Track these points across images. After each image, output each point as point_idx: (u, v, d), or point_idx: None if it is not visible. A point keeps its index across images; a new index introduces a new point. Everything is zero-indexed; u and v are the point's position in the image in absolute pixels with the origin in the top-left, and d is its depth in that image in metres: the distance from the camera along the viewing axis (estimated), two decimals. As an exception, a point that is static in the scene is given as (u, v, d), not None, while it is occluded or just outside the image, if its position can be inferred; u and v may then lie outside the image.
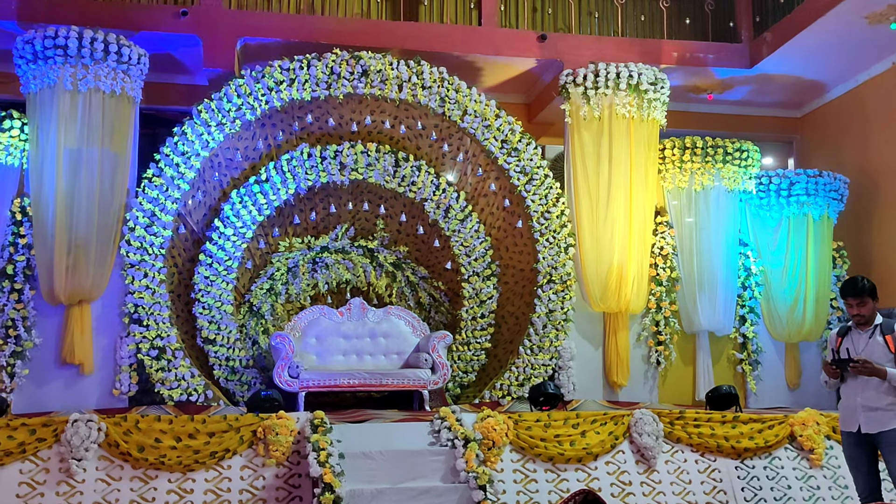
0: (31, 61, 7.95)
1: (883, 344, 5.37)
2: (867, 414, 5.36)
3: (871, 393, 5.35)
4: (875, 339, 5.41)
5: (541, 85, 10.23)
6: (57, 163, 7.88)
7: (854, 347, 5.47)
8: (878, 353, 5.36)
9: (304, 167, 8.79)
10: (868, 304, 5.43)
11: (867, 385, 5.36)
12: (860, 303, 5.43)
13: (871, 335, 5.43)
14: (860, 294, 5.43)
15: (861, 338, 5.48)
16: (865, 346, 5.42)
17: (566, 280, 8.79)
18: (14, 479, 6.09)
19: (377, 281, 9.34)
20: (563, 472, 6.84)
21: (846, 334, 5.57)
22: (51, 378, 7.97)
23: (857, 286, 5.45)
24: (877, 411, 5.32)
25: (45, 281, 7.89)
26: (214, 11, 8.95)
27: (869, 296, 5.42)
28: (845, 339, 5.56)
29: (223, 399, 8.11)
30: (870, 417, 5.35)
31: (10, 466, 6.13)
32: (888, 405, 5.30)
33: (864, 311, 5.44)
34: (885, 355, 5.34)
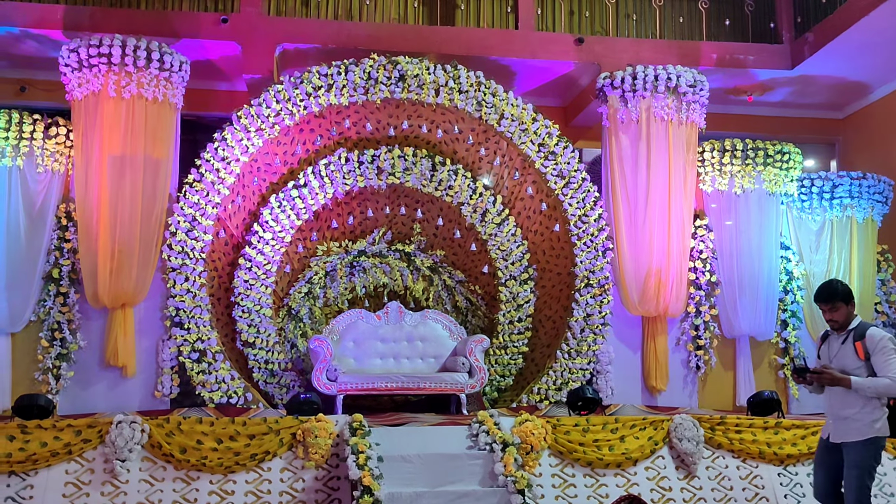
0: (77, 69, 8.11)
1: (853, 350, 5.13)
2: (836, 423, 5.19)
3: (837, 402, 5.16)
4: (847, 345, 5.17)
5: (578, 88, 10.19)
6: (101, 168, 8.03)
7: (829, 353, 5.27)
8: (849, 359, 5.13)
9: (342, 172, 8.86)
10: (841, 310, 5.17)
11: (834, 394, 5.18)
12: (832, 308, 5.17)
13: (844, 341, 5.18)
14: (831, 299, 5.17)
15: (836, 343, 5.24)
16: (838, 352, 5.20)
17: (604, 284, 8.75)
18: (60, 479, 6.20)
19: (414, 285, 9.38)
20: (601, 478, 6.79)
21: (827, 338, 5.35)
22: (95, 380, 8.12)
23: (826, 291, 5.20)
24: (844, 420, 5.12)
25: (89, 284, 8.03)
26: (254, 18, 9.06)
27: (841, 301, 5.16)
28: (825, 342, 5.36)
29: (262, 402, 8.19)
30: (838, 427, 5.17)
31: (57, 467, 6.24)
32: (854, 415, 5.08)
33: (836, 316, 5.18)
34: (855, 362, 5.10)
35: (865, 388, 5.01)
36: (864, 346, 5.09)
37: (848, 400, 5.09)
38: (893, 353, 5.02)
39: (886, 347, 5.03)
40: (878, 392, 5.01)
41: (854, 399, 5.07)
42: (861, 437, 5.06)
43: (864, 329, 5.14)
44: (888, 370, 4.99)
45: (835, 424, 5.19)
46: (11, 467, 6.14)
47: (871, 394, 5.02)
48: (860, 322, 5.20)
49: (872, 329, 5.14)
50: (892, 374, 4.98)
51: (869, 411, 5.06)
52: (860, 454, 5.06)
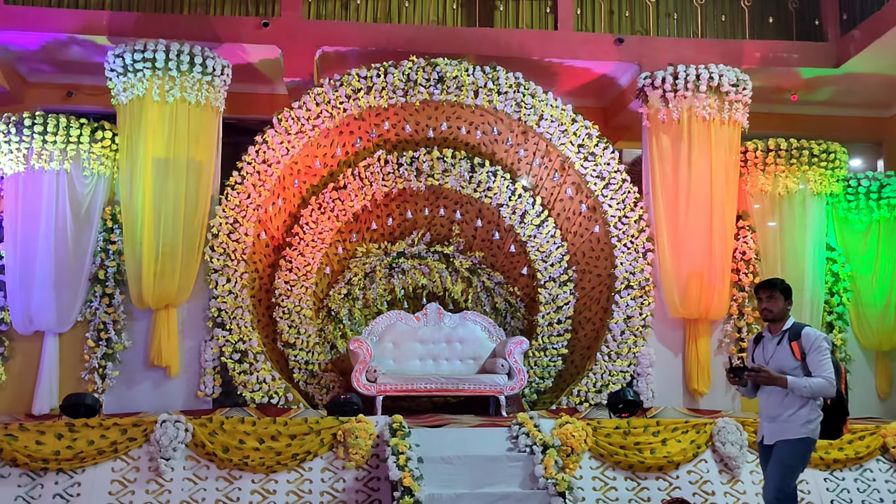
0: (122, 74, 8.24)
1: (789, 351, 5.00)
2: (769, 425, 5.07)
3: (773, 403, 5.03)
4: (782, 346, 5.04)
5: (618, 88, 10.12)
6: (145, 171, 8.15)
7: (764, 355, 5.13)
8: (785, 359, 5.00)
9: (382, 173, 8.90)
10: (778, 301, 5.06)
11: (771, 394, 5.04)
12: (770, 296, 5.07)
13: (780, 341, 5.06)
14: (771, 287, 5.09)
15: (771, 343, 5.12)
16: (774, 354, 5.06)
17: (645, 286, 8.67)
18: (107, 476, 6.32)
19: (453, 286, 9.38)
20: (643, 481, 6.74)
21: (760, 341, 5.23)
22: (139, 379, 8.24)
23: (769, 281, 5.16)
24: (780, 422, 4.99)
25: (134, 286, 8.16)
26: (294, 22, 9.13)
27: (780, 292, 5.07)
28: (759, 344, 5.23)
29: (303, 402, 8.25)
30: (772, 429, 5.04)
31: (103, 465, 6.36)
32: (789, 416, 4.95)
33: (772, 305, 5.06)
34: (792, 362, 4.98)
35: (801, 387, 4.88)
36: (799, 346, 4.97)
37: (785, 401, 4.97)
38: (828, 353, 4.95)
39: (822, 347, 4.93)
40: (814, 392, 4.88)
41: (791, 400, 4.95)
42: (794, 436, 4.94)
43: (799, 329, 5.04)
44: (823, 370, 4.89)
45: (769, 426, 5.07)
46: (59, 465, 6.28)
47: (807, 394, 4.89)
48: (794, 322, 5.10)
49: (808, 328, 5.05)
50: (826, 374, 4.87)
51: (805, 412, 4.94)
52: (789, 452, 4.93)
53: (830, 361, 4.92)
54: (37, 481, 6.25)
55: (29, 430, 6.42)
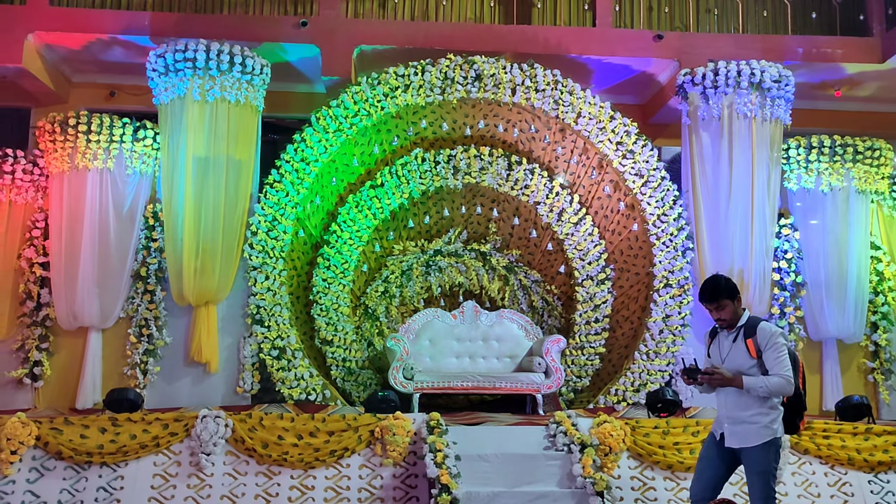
0: (163, 74, 8.35)
1: (744, 349, 4.76)
2: (731, 427, 4.82)
3: (732, 403, 4.80)
4: (738, 343, 4.80)
5: (657, 85, 10.02)
6: (186, 170, 8.25)
7: (720, 352, 4.90)
8: (741, 358, 4.77)
9: (419, 171, 8.92)
10: (727, 307, 4.80)
11: (728, 394, 4.81)
12: (718, 307, 4.81)
13: (735, 339, 4.82)
14: (715, 297, 4.80)
15: (726, 341, 4.87)
16: (729, 352, 4.82)
17: (684, 284, 8.58)
18: (149, 470, 6.41)
19: (490, 284, 9.37)
20: (682, 481, 6.66)
21: (716, 335, 4.98)
22: (180, 375, 8.36)
23: (710, 289, 4.84)
24: (741, 424, 4.76)
25: (174, 283, 8.26)
26: (332, 21, 9.18)
27: (727, 297, 4.79)
28: (714, 340, 4.99)
29: (340, 399, 8.29)
30: (734, 431, 4.81)
31: (146, 459, 6.45)
32: (752, 416, 4.73)
33: (724, 315, 4.82)
34: (748, 360, 4.75)
35: (758, 388, 4.67)
36: (755, 343, 4.74)
37: (742, 401, 4.75)
38: (785, 349, 4.74)
39: (778, 343, 4.72)
40: (771, 391, 4.67)
41: (748, 400, 4.73)
42: (760, 441, 4.72)
43: (755, 324, 4.80)
44: (780, 368, 4.67)
45: (730, 428, 4.84)
46: (103, 458, 6.38)
47: (764, 393, 4.68)
48: (749, 317, 4.87)
49: (763, 324, 4.81)
50: (784, 373, 4.66)
51: (765, 412, 4.73)
52: (762, 460, 4.72)
53: (787, 357, 4.71)
54: (81, 474, 6.36)
55: (73, 424, 6.53)
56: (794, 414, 4.89)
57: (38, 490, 6.28)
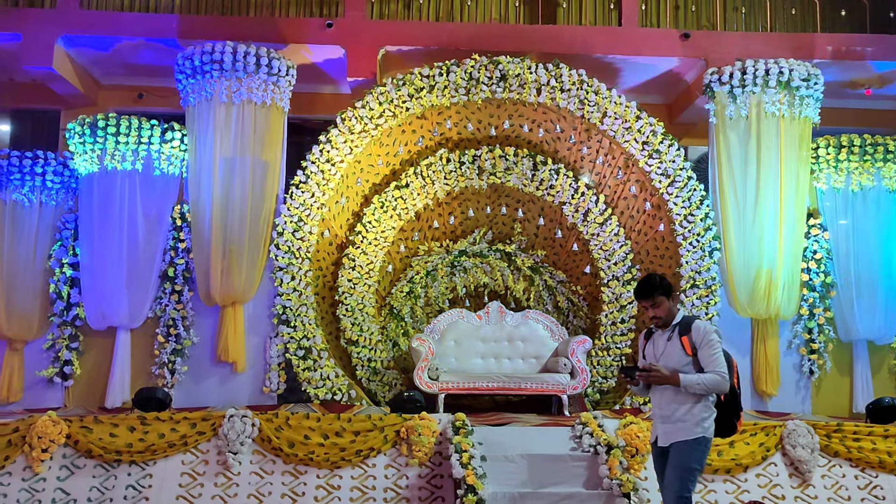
0: (191, 76, 8.43)
1: (679, 346, 4.69)
2: (664, 426, 4.75)
3: (666, 402, 4.72)
4: (673, 341, 4.73)
5: (683, 85, 9.96)
6: (213, 171, 8.32)
7: (654, 352, 4.83)
8: (676, 356, 4.70)
9: (444, 172, 8.92)
10: (663, 305, 4.75)
11: (664, 393, 4.73)
12: (653, 304, 4.75)
13: (670, 337, 4.75)
14: (650, 294, 4.75)
15: (661, 340, 4.81)
16: (664, 350, 4.76)
17: (711, 285, 8.51)
18: (177, 469, 6.46)
19: (515, 285, 9.35)
20: (710, 483, 6.61)
21: (650, 336, 4.91)
22: (207, 375, 8.42)
23: (645, 286, 4.78)
24: (672, 423, 4.68)
25: (202, 283, 8.33)
26: (358, 22, 9.23)
27: (662, 294, 4.74)
28: (649, 340, 4.91)
29: (366, 399, 8.31)
30: (665, 430, 4.73)
31: (174, 458, 6.51)
32: (683, 415, 4.65)
33: (659, 312, 4.76)
34: (683, 358, 4.67)
35: (694, 385, 4.58)
36: (690, 341, 4.67)
37: (677, 400, 4.67)
38: (719, 346, 4.66)
39: (712, 341, 4.64)
40: (707, 388, 4.58)
41: (683, 398, 4.65)
42: (689, 437, 4.63)
43: (689, 322, 4.74)
44: (715, 365, 4.60)
45: (663, 427, 4.76)
46: (132, 457, 6.45)
47: (700, 391, 4.59)
48: (684, 316, 4.83)
49: (697, 322, 4.76)
50: (719, 370, 4.58)
51: (698, 411, 4.64)
52: (685, 454, 4.63)
53: (722, 355, 4.63)
54: (110, 472, 6.43)
55: (103, 423, 6.61)
56: (731, 414, 4.78)
57: (68, 488, 6.36)
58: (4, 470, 6.39)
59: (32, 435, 6.42)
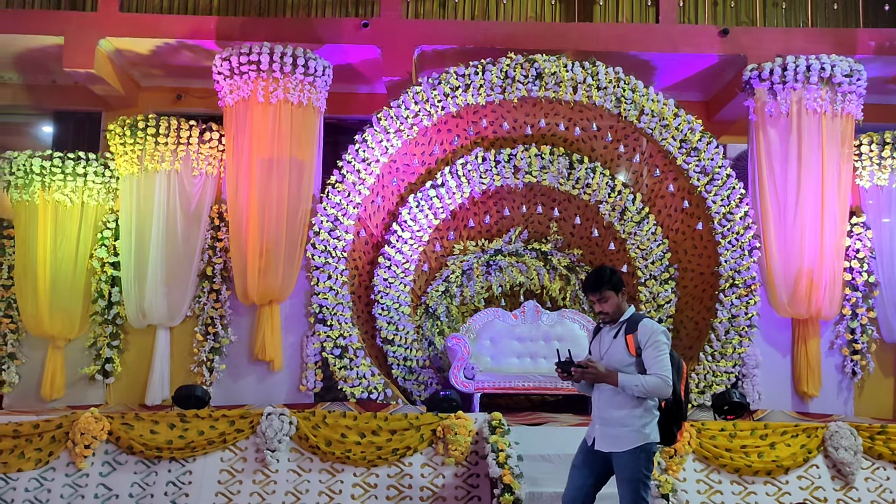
0: (228, 77, 8.50)
1: (623, 345, 4.47)
2: (602, 429, 4.51)
3: (606, 402, 4.50)
4: (618, 339, 4.51)
5: (722, 81, 9.83)
6: (250, 171, 8.38)
7: (600, 349, 4.61)
8: (619, 355, 4.47)
9: (479, 171, 8.91)
10: (611, 300, 4.53)
11: (603, 394, 4.51)
12: (601, 298, 4.54)
13: (616, 335, 4.53)
14: (598, 288, 4.53)
15: (607, 336, 4.59)
16: (608, 348, 4.54)
17: (750, 284, 8.40)
18: (216, 466, 6.53)
19: (551, 284, 9.31)
20: (750, 485, 6.53)
21: (599, 332, 4.70)
22: (244, 373, 8.49)
23: (594, 279, 4.56)
24: (613, 427, 4.45)
25: (239, 282, 8.40)
26: (393, 22, 9.24)
27: (611, 289, 4.52)
28: (596, 337, 4.71)
29: (402, 398, 8.33)
30: (604, 433, 4.49)
31: (213, 455, 6.58)
32: (622, 419, 4.42)
33: (607, 307, 4.54)
34: (626, 358, 4.45)
35: (632, 386, 4.36)
36: (635, 340, 4.44)
37: (616, 400, 4.44)
38: (665, 348, 4.43)
39: (658, 342, 4.41)
40: (647, 391, 4.35)
41: (623, 400, 4.42)
42: (630, 445, 4.41)
43: (637, 321, 4.50)
44: (658, 367, 4.36)
45: (601, 429, 4.52)
46: (172, 454, 6.52)
47: (639, 393, 4.36)
48: (633, 313, 4.59)
49: (645, 321, 4.51)
50: (661, 372, 4.35)
51: (639, 415, 4.42)
52: (632, 466, 4.40)
53: (668, 358, 4.41)
54: (151, 469, 6.52)
55: (144, 420, 6.70)
56: (671, 422, 4.55)
57: (110, 483, 6.45)
58: (48, 465, 6.51)
59: (75, 431, 6.52)
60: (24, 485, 6.42)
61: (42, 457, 6.51)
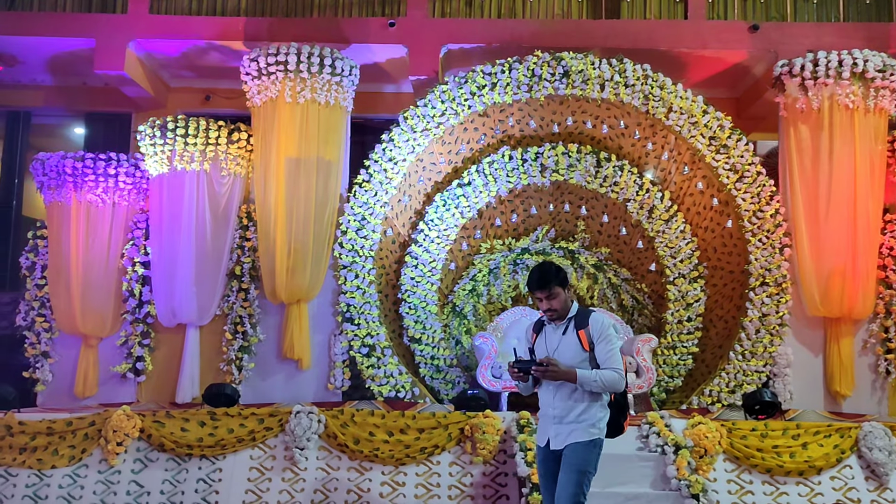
0: (256, 77, 8.55)
1: (576, 341, 4.39)
2: (557, 427, 4.43)
3: (561, 401, 4.42)
4: (568, 336, 4.42)
5: (752, 78, 9.73)
6: (278, 171, 8.42)
7: (547, 346, 4.49)
8: (571, 351, 4.39)
9: (506, 169, 8.89)
10: (559, 296, 4.42)
11: (558, 391, 4.42)
12: (549, 295, 4.41)
13: (565, 331, 4.44)
14: (546, 285, 4.40)
15: (555, 334, 4.49)
16: (559, 345, 4.44)
17: (781, 282, 8.30)
18: (246, 464, 6.58)
19: (578, 283, 9.26)
20: (782, 486, 6.46)
21: (541, 329, 4.58)
22: (273, 371, 8.53)
23: (540, 276, 4.43)
24: (567, 424, 4.39)
25: (267, 281, 8.45)
26: (420, 21, 9.24)
27: (558, 285, 4.41)
28: (540, 334, 4.58)
29: (429, 396, 8.33)
30: (559, 431, 4.42)
31: (242, 452, 6.63)
32: (579, 416, 4.37)
33: (555, 304, 4.43)
34: (579, 353, 4.38)
35: (591, 382, 4.29)
36: (587, 335, 4.38)
37: (573, 398, 4.38)
38: (616, 342, 4.41)
39: (610, 335, 4.39)
40: (604, 386, 4.30)
41: (579, 397, 4.37)
42: (586, 438, 4.36)
43: (586, 316, 4.45)
44: (613, 362, 4.34)
45: (557, 427, 4.43)
46: (202, 451, 6.58)
47: (597, 388, 4.31)
48: (578, 308, 4.52)
49: (595, 314, 4.48)
50: (617, 367, 4.32)
51: (595, 411, 4.38)
52: (582, 456, 4.34)
53: (619, 351, 4.41)
54: (182, 466, 6.58)
55: (175, 418, 6.76)
56: (619, 414, 4.53)
57: (141, 480, 6.52)
58: (81, 462, 6.59)
59: (108, 429, 6.60)
60: (59, 481, 6.51)
61: (75, 454, 6.60)
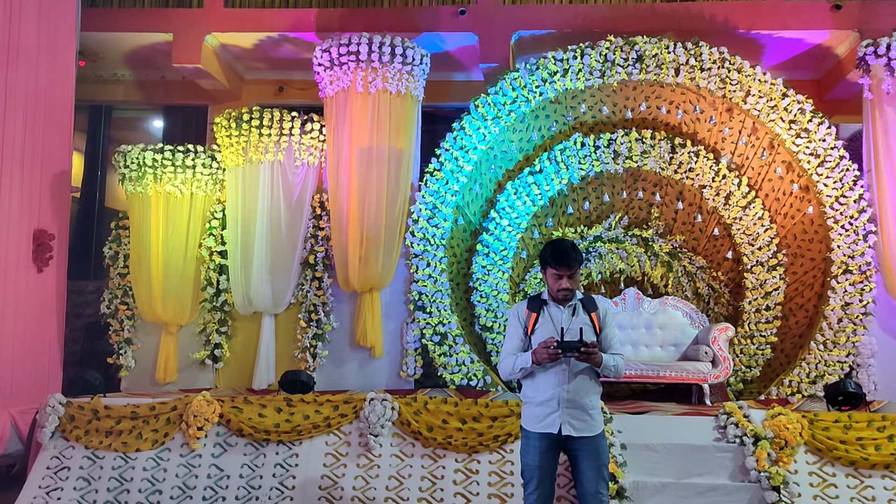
0: (328, 68, 8.64)
1: (590, 323, 4.34)
2: (572, 411, 4.30)
3: (579, 386, 4.29)
4: (580, 316, 4.36)
5: (834, 59, 9.41)
6: (350, 160, 8.50)
7: (555, 325, 4.37)
8: (586, 334, 4.28)
9: (578, 157, 8.79)
10: (577, 277, 4.39)
11: (577, 376, 4.30)
12: (571, 275, 4.34)
13: (574, 313, 4.38)
14: (575, 263, 4.34)
15: (563, 314, 4.38)
16: (570, 325, 4.34)
17: (865, 270, 8.02)
18: (321, 449, 6.68)
19: (652, 271, 9.12)
20: (867, 479, 6.24)
21: (539, 310, 4.43)
22: (346, 359, 8.64)
23: (569, 254, 4.33)
24: (583, 411, 4.30)
25: (340, 270, 8.55)
26: (490, 8, 9.21)
27: (580, 266, 4.40)
28: (541, 314, 4.42)
29: (501, 385, 8.33)
30: (574, 416, 4.30)
31: (318, 438, 6.73)
32: (591, 404, 4.34)
33: (573, 284, 4.36)
34: (591, 336, 4.33)
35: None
36: (599, 318, 4.36)
37: (585, 386, 4.32)
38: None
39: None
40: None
41: (594, 385, 4.35)
42: (600, 429, 4.39)
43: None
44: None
45: (571, 412, 4.30)
46: (279, 437, 6.70)
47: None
48: (582, 291, 4.54)
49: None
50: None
51: (598, 400, 4.42)
52: (603, 450, 4.37)
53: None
54: (260, 451, 6.72)
55: (252, 404, 6.91)
56: None
57: (221, 464, 6.68)
58: (164, 446, 6.79)
59: (189, 414, 6.78)
60: (143, 464, 6.72)
61: (158, 437, 6.80)
